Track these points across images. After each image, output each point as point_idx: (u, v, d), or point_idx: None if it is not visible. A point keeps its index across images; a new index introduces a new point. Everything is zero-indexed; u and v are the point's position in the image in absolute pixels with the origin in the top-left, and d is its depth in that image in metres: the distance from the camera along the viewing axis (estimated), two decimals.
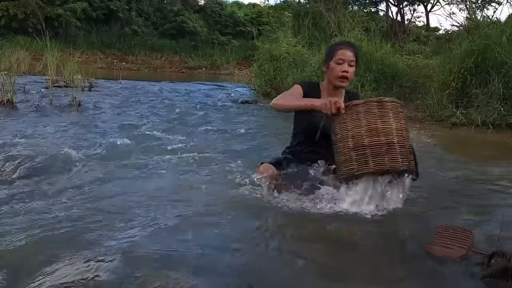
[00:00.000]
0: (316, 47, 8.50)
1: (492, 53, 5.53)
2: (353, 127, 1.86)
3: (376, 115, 1.85)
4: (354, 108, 1.87)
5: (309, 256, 1.51)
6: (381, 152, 1.83)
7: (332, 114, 1.92)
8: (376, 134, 1.84)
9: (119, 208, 1.89)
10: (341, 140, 1.91)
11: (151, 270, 1.33)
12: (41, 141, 3.32)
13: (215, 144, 3.57)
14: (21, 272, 1.31)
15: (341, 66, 2.18)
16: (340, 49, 2.22)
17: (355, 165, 1.86)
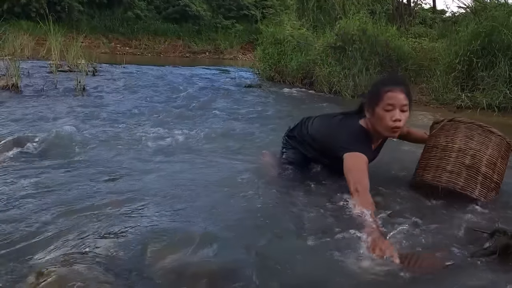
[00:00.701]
0: (321, 30, 8.43)
1: (499, 35, 5.46)
2: (461, 145, 1.92)
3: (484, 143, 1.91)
4: (470, 128, 1.94)
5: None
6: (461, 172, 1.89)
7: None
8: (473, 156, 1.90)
9: (121, 188, 1.91)
10: (443, 150, 1.96)
11: (160, 243, 1.36)
12: (47, 125, 3.34)
13: (218, 128, 3.58)
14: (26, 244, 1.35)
15: (391, 114, 1.80)
16: (389, 92, 1.81)
17: (445, 176, 1.92)
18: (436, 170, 1.94)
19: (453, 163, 1.91)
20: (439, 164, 1.94)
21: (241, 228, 1.59)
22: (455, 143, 1.93)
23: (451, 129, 1.97)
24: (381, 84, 1.92)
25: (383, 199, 1.93)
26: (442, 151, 1.95)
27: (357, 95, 6.58)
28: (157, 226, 1.55)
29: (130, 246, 1.38)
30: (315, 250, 1.44)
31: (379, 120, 1.84)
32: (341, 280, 1.27)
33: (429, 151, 2.02)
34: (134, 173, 2.17)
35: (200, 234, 1.49)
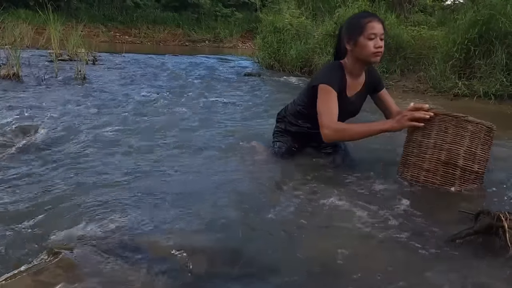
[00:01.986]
0: (320, 18, 8.43)
1: (496, 23, 5.49)
2: (436, 139, 1.86)
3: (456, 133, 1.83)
4: (444, 120, 1.86)
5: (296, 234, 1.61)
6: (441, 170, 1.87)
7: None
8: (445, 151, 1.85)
9: (122, 178, 1.98)
10: (419, 146, 1.92)
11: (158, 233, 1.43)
12: (49, 113, 3.39)
13: (216, 116, 3.64)
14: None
15: (374, 42, 1.99)
16: (370, 22, 1.98)
17: (422, 175, 1.91)
18: (413, 168, 1.94)
19: (429, 160, 1.88)
20: (416, 162, 1.93)
21: (235, 212, 1.67)
22: (430, 138, 1.88)
23: (426, 122, 1.90)
24: (360, 17, 2.07)
25: (369, 183, 1.99)
26: (419, 147, 1.92)
27: None
28: (160, 212, 1.62)
29: (136, 232, 1.45)
30: (309, 231, 1.52)
31: (363, 49, 2.01)
32: (337, 264, 1.35)
33: (407, 146, 2.00)
34: (134, 161, 2.24)
35: (201, 218, 1.57)
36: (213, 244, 1.42)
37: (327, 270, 1.29)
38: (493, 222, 1.37)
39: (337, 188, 1.88)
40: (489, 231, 1.38)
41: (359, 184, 1.99)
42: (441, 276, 1.25)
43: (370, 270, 1.29)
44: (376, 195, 1.86)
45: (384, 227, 1.54)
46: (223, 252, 1.38)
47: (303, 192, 1.87)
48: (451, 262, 1.33)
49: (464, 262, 1.33)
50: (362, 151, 2.50)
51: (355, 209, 1.69)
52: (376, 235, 1.49)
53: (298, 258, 1.35)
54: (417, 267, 1.31)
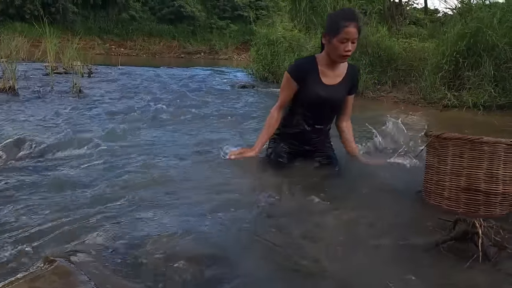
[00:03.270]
0: (313, 31, 8.58)
1: (484, 35, 5.62)
2: (453, 166, 1.80)
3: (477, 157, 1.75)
4: (457, 144, 1.79)
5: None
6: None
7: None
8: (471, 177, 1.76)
9: (115, 188, 2.02)
10: (437, 173, 1.87)
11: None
12: (44, 127, 3.45)
13: (210, 128, 3.70)
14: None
15: (344, 45, 2.14)
16: (346, 28, 2.11)
17: (444, 204, 1.84)
18: (435, 196, 1.87)
19: (448, 188, 1.81)
20: (436, 189, 1.86)
21: (227, 222, 1.73)
22: (446, 164, 1.81)
23: (439, 147, 1.85)
24: (341, 19, 2.17)
25: (355, 193, 2.06)
26: (436, 174, 1.86)
27: None
28: (154, 221, 1.67)
29: (130, 240, 1.50)
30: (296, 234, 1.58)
31: (334, 49, 2.18)
32: (319, 270, 1.41)
33: (426, 173, 1.94)
34: (127, 171, 2.29)
35: (193, 227, 1.63)
36: (206, 252, 1.47)
37: (310, 275, 1.35)
38: (469, 228, 1.44)
39: (323, 197, 1.95)
40: (465, 237, 1.45)
41: (345, 192, 2.06)
42: (420, 281, 1.31)
43: (351, 276, 1.35)
44: (361, 204, 1.92)
45: (367, 235, 1.61)
46: (218, 261, 1.43)
47: (292, 202, 1.93)
48: (430, 267, 1.39)
49: (441, 266, 1.39)
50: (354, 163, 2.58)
51: (340, 217, 1.76)
52: (358, 242, 1.55)
53: (284, 267, 1.41)
54: (398, 271, 1.37)
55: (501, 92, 5.48)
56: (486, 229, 1.41)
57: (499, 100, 5.40)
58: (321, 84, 2.28)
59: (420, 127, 4.34)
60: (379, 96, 6.59)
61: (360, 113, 5.26)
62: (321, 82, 2.28)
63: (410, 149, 2.57)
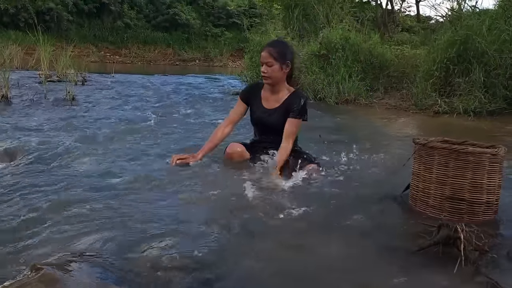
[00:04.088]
0: (306, 38, 8.64)
1: (473, 43, 5.71)
2: (438, 174, 1.83)
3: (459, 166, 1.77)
4: (442, 154, 1.80)
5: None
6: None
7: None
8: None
9: (105, 197, 2.03)
10: (423, 180, 1.89)
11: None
12: (38, 135, 3.45)
13: (203, 136, 3.72)
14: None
15: (261, 67, 2.48)
16: (261, 52, 2.50)
17: (429, 211, 1.87)
18: (420, 203, 1.91)
19: (433, 196, 1.84)
20: (422, 197, 1.89)
21: (217, 229, 1.74)
22: (432, 172, 1.84)
23: (425, 155, 1.88)
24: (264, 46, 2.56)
25: (339, 199, 2.09)
26: (422, 182, 1.89)
27: (340, 102, 6.80)
28: (143, 229, 1.68)
29: (119, 246, 1.52)
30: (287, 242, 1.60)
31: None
32: (305, 274, 1.43)
33: (413, 180, 1.97)
34: (114, 178, 2.30)
35: (184, 232, 1.65)
36: (196, 260, 1.48)
37: (298, 279, 1.37)
38: (451, 233, 1.46)
39: (307, 202, 1.97)
40: (448, 242, 1.48)
41: (330, 198, 2.09)
42: (403, 284, 1.33)
43: (337, 279, 1.37)
44: (347, 208, 1.95)
45: (352, 239, 1.63)
46: (206, 269, 1.44)
47: (278, 207, 1.95)
48: (413, 271, 1.42)
49: (424, 270, 1.42)
50: (344, 169, 2.61)
51: (324, 222, 1.78)
52: (344, 248, 1.58)
53: (270, 272, 1.43)
54: (382, 274, 1.40)
55: (491, 99, 5.56)
56: (467, 234, 1.44)
57: (489, 106, 5.47)
58: (261, 108, 2.60)
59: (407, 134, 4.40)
60: (371, 103, 6.64)
61: (353, 119, 5.34)
62: (261, 106, 2.60)
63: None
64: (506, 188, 2.03)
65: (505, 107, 5.53)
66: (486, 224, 1.77)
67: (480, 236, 1.46)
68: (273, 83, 2.54)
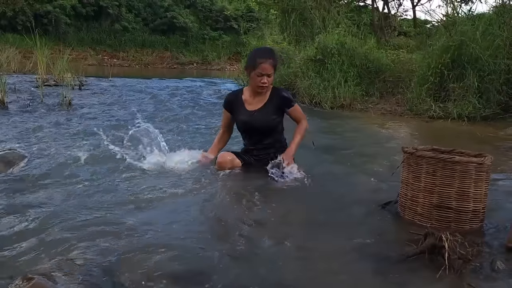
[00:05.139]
0: (303, 43, 8.69)
1: (467, 48, 5.75)
2: (426, 183, 1.85)
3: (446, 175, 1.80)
4: (430, 163, 1.83)
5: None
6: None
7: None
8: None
9: (97, 206, 2.05)
10: (411, 189, 1.92)
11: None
12: (32, 141, 3.47)
13: (199, 141, 3.74)
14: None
15: (261, 78, 2.55)
16: (262, 64, 2.55)
17: (417, 219, 1.89)
18: (409, 211, 1.93)
19: (421, 204, 1.87)
20: (411, 205, 1.92)
21: (206, 238, 1.77)
22: (420, 180, 1.87)
23: (413, 164, 1.90)
24: (257, 56, 2.61)
25: (325, 208, 2.11)
26: (411, 190, 1.91)
27: (336, 107, 6.84)
28: (133, 238, 1.70)
29: (109, 258, 1.53)
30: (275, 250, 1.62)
31: (252, 81, 2.61)
32: (291, 280, 1.45)
33: (401, 188, 2.00)
34: (104, 188, 2.31)
35: (168, 242, 1.67)
36: (186, 269, 1.50)
37: (282, 283, 1.40)
38: (436, 242, 1.49)
39: (296, 209, 2.00)
40: (433, 251, 1.51)
41: (317, 204, 2.11)
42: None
43: (321, 285, 1.40)
44: (334, 216, 1.98)
45: (339, 246, 1.66)
46: (198, 278, 1.46)
47: (264, 213, 1.98)
48: (399, 278, 1.44)
49: (410, 277, 1.45)
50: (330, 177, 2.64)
51: (311, 229, 1.81)
52: (330, 253, 1.61)
53: (258, 281, 1.45)
54: (368, 282, 1.43)
55: (485, 104, 5.60)
56: (452, 243, 1.47)
57: (483, 111, 5.51)
58: (245, 111, 2.68)
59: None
60: (367, 108, 6.68)
61: (347, 125, 5.37)
62: (245, 110, 2.69)
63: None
64: (493, 196, 2.06)
65: (499, 112, 5.58)
66: (472, 232, 1.80)
67: (464, 244, 1.49)
68: (267, 91, 2.65)
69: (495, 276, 1.46)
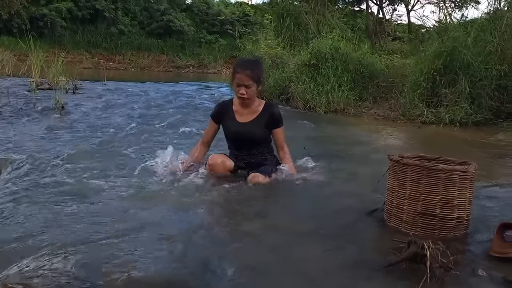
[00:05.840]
0: (297, 48, 8.71)
1: (459, 54, 5.79)
2: (411, 190, 1.86)
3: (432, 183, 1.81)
4: (414, 171, 1.84)
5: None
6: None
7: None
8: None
9: (82, 214, 2.04)
10: (397, 196, 1.93)
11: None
12: (23, 147, 3.45)
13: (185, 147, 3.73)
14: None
15: (239, 89, 2.54)
16: (237, 73, 2.53)
17: (403, 227, 1.90)
18: (395, 218, 1.94)
19: (407, 212, 1.88)
20: (396, 212, 1.93)
21: (188, 244, 1.77)
22: (405, 188, 1.88)
23: (399, 171, 1.91)
24: (237, 65, 2.63)
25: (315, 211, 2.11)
26: (396, 198, 1.92)
27: (329, 111, 6.86)
28: (115, 246, 1.69)
29: (91, 264, 1.53)
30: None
31: (235, 91, 2.61)
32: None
33: (387, 195, 2.01)
34: (97, 196, 2.30)
35: (153, 250, 1.66)
36: (166, 278, 1.50)
37: None
38: (418, 250, 1.50)
39: (279, 216, 2.00)
40: (415, 259, 1.51)
41: (304, 209, 2.12)
42: None
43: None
44: (320, 222, 1.98)
45: (324, 253, 1.66)
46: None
47: (249, 222, 1.98)
48: (383, 286, 1.45)
49: (392, 286, 1.45)
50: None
51: (296, 235, 1.81)
52: (314, 261, 1.61)
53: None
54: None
55: (476, 109, 5.64)
56: (434, 251, 1.47)
57: (475, 117, 5.55)
58: (235, 122, 2.67)
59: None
60: (360, 113, 6.71)
61: (340, 130, 5.38)
62: (235, 120, 2.68)
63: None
64: (479, 203, 2.07)
65: (490, 117, 5.61)
66: (456, 239, 1.81)
67: (446, 253, 1.49)
68: (249, 103, 2.65)
69: (476, 284, 1.47)
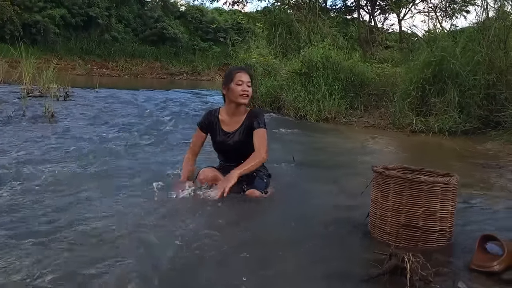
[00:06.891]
0: (289, 56, 8.76)
1: (448, 64, 5.86)
2: (394, 202, 1.87)
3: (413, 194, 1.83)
4: (397, 183, 1.86)
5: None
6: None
7: None
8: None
9: (68, 220, 2.04)
10: (380, 208, 1.94)
11: None
12: (9, 156, 3.43)
13: (176, 157, 3.74)
14: None
15: (241, 87, 2.58)
16: (238, 73, 2.62)
17: (386, 238, 1.90)
18: (378, 230, 1.95)
19: (390, 224, 1.89)
20: (380, 224, 1.94)
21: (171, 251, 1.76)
22: (388, 200, 1.89)
23: (382, 183, 1.93)
24: (232, 70, 2.72)
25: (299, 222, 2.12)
26: (380, 209, 1.93)
27: (321, 120, 6.89)
28: (104, 252, 1.69)
29: (72, 273, 1.52)
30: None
31: (233, 92, 2.59)
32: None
33: (371, 207, 2.02)
34: (84, 204, 2.30)
35: (138, 257, 1.66)
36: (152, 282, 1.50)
37: None
38: (399, 263, 1.51)
39: (265, 225, 2.00)
40: (396, 271, 1.52)
41: (287, 220, 2.12)
42: None
43: None
44: (302, 233, 1.99)
45: (306, 265, 1.66)
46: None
47: (237, 233, 1.98)
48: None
49: None
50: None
51: (278, 245, 1.82)
52: (296, 273, 1.61)
53: None
54: None
55: (465, 118, 5.68)
56: (414, 264, 1.48)
57: (464, 126, 5.59)
58: (222, 132, 2.70)
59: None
60: (351, 121, 6.74)
61: (330, 139, 5.41)
62: (221, 130, 2.71)
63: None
64: (463, 214, 2.09)
65: (479, 126, 5.66)
66: (439, 251, 1.82)
67: (426, 265, 1.50)
68: (246, 103, 2.65)
69: None
